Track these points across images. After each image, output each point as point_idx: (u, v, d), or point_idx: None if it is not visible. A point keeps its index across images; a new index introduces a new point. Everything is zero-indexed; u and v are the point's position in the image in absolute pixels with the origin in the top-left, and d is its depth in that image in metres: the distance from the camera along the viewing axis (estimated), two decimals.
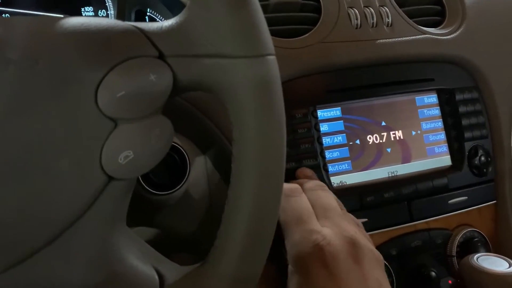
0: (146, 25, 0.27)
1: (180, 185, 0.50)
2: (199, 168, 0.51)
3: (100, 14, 0.54)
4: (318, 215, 0.37)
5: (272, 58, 0.28)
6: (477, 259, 0.45)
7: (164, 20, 0.55)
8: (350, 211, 0.48)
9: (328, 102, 0.50)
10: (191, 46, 0.27)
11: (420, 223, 0.51)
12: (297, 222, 0.36)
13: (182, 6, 0.51)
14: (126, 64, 0.25)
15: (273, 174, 0.29)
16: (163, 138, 0.27)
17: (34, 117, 0.24)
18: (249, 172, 0.28)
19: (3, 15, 0.51)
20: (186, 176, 0.50)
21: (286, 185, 0.39)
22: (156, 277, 0.29)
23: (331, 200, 0.39)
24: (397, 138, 0.52)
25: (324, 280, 0.33)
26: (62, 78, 0.24)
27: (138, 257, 0.29)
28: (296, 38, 0.50)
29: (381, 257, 0.36)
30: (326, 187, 0.41)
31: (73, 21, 0.26)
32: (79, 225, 0.26)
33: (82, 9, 0.54)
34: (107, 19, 0.26)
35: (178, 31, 0.27)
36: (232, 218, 0.29)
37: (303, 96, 0.49)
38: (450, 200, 0.53)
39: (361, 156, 0.51)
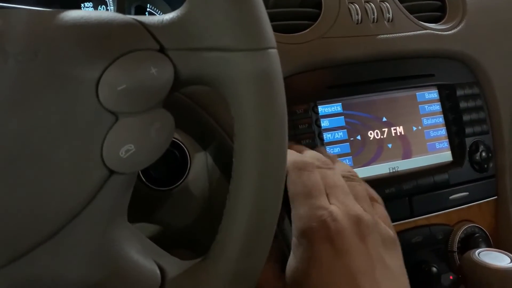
0: (147, 19, 0.27)
1: (181, 181, 0.50)
2: (200, 164, 0.51)
3: (99, 9, 0.53)
4: (326, 193, 0.37)
5: (274, 51, 0.28)
6: (478, 254, 0.45)
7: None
8: None
9: (329, 97, 0.50)
10: (192, 39, 0.27)
11: (420, 219, 0.51)
12: (306, 196, 0.36)
13: (182, 0, 0.51)
14: (127, 57, 0.25)
15: (275, 169, 0.28)
16: (164, 132, 0.27)
17: (34, 111, 0.24)
18: (250, 166, 0.28)
19: None
20: (186, 172, 0.50)
21: (300, 158, 0.39)
22: (158, 271, 0.29)
23: (338, 178, 0.39)
24: (398, 134, 0.52)
25: (328, 255, 0.33)
26: (62, 71, 0.24)
27: (139, 252, 0.29)
28: (297, 34, 0.50)
29: (390, 235, 0.37)
30: (332, 165, 0.41)
31: (73, 14, 0.25)
32: (80, 219, 0.26)
33: (82, 5, 0.54)
34: (108, 12, 0.26)
35: (179, 24, 0.27)
36: (233, 213, 0.28)
37: (304, 92, 0.49)
38: (451, 196, 0.53)
39: (362, 152, 0.50)
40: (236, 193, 0.28)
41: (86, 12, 0.26)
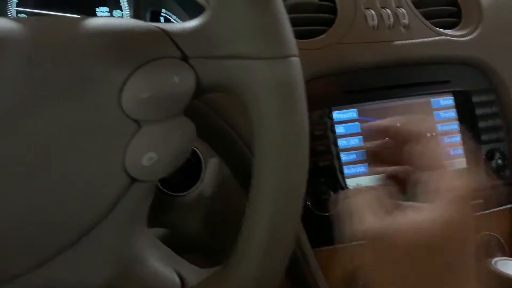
0: (170, 26, 0.27)
1: (195, 186, 0.50)
2: (214, 169, 0.51)
3: (115, 14, 0.54)
4: None
5: (296, 59, 0.28)
6: (495, 263, 0.45)
7: (179, 20, 0.55)
8: None
9: (344, 103, 0.50)
10: (214, 47, 0.27)
11: None
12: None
13: (197, 6, 0.51)
14: (150, 66, 0.25)
15: (295, 177, 0.28)
16: (186, 139, 0.27)
17: (58, 118, 0.24)
18: (271, 174, 0.28)
19: (19, 15, 0.51)
20: (200, 178, 0.50)
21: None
22: (178, 279, 0.29)
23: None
24: None
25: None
26: (85, 79, 0.24)
27: (158, 259, 0.29)
28: (312, 39, 0.49)
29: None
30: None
31: (97, 22, 0.25)
32: (102, 227, 0.26)
33: (97, 9, 0.54)
34: (131, 20, 0.26)
35: (201, 32, 0.27)
36: (254, 221, 0.28)
37: (319, 98, 0.49)
38: None
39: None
40: (257, 201, 0.28)
41: (110, 19, 0.26)
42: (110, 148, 0.25)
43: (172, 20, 0.55)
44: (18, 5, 0.51)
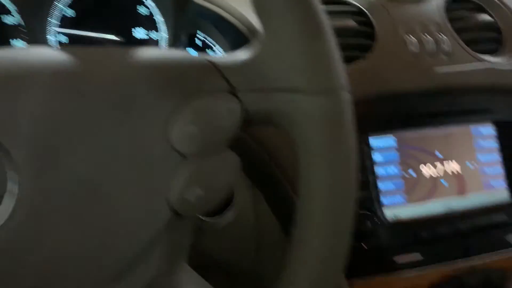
0: (219, 60, 0.26)
1: (226, 211, 0.49)
2: (246, 195, 0.50)
3: (151, 35, 0.54)
4: None
5: (346, 93, 0.27)
6: None
7: (214, 43, 0.55)
8: (403, 245, 0.46)
9: (381, 130, 0.49)
10: (263, 81, 0.26)
11: (476, 261, 0.49)
12: None
13: (235, 30, 0.50)
14: (198, 99, 0.25)
15: (343, 214, 0.27)
16: (231, 174, 0.26)
17: (104, 150, 0.24)
18: (318, 211, 0.27)
19: (58, 35, 0.52)
20: (232, 203, 0.49)
21: None
22: None
23: None
24: (453, 171, 0.50)
25: None
26: (134, 111, 0.24)
27: None
28: (350, 64, 0.49)
29: None
30: None
31: (146, 54, 0.25)
32: (143, 261, 0.25)
33: (133, 30, 0.54)
34: (180, 53, 0.26)
35: (251, 65, 0.26)
36: (300, 257, 0.27)
37: (356, 124, 0.47)
38: (508, 237, 0.50)
39: (415, 188, 0.48)
40: (303, 241, 0.27)
41: (159, 51, 0.26)
42: (155, 182, 0.24)
43: (207, 42, 0.55)
44: (58, 25, 0.51)
